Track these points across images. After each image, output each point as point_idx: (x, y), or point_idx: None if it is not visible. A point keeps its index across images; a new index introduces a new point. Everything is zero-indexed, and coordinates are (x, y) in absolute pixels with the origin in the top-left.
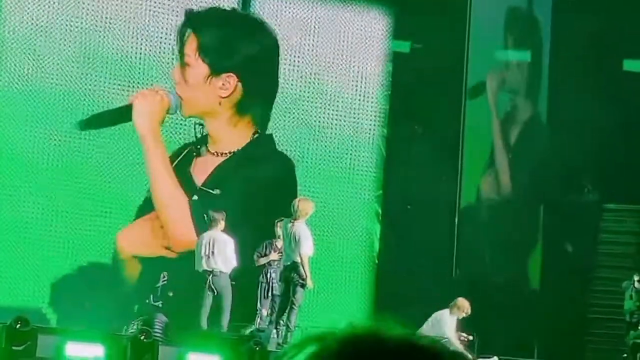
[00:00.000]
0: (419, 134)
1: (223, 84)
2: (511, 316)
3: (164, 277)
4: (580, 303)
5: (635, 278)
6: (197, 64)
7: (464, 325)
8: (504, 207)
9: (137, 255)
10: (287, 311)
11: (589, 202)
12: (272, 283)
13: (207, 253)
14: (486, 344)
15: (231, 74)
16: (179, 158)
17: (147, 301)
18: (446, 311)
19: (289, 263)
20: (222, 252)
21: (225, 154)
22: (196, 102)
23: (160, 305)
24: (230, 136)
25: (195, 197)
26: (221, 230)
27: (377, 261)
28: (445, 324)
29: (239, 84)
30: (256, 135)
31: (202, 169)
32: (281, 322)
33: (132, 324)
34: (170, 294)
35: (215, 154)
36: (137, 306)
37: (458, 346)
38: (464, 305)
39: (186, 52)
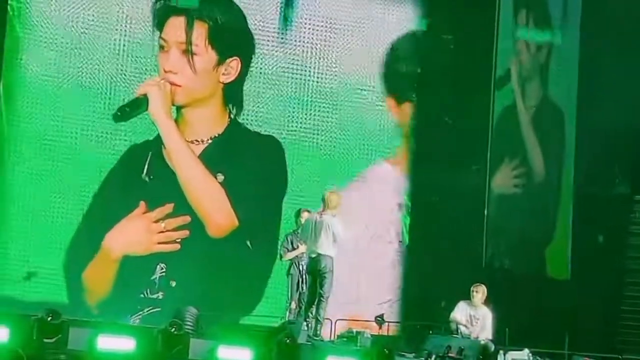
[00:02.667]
0: (449, 125)
1: (226, 70)
2: (542, 308)
3: (162, 268)
4: (611, 295)
5: None
6: (207, 51)
7: (497, 317)
8: (533, 198)
9: (129, 255)
10: (315, 303)
11: (619, 193)
12: (304, 275)
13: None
14: (517, 336)
15: (235, 58)
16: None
17: (142, 295)
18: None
19: (314, 255)
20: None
21: (204, 140)
22: (197, 89)
23: (161, 297)
24: (209, 123)
25: (221, 177)
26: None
27: (405, 253)
28: (458, 310)
29: (240, 68)
30: (231, 119)
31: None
32: (310, 314)
33: (133, 318)
34: (173, 284)
35: (193, 142)
36: (134, 301)
37: (464, 329)
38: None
39: (194, 42)
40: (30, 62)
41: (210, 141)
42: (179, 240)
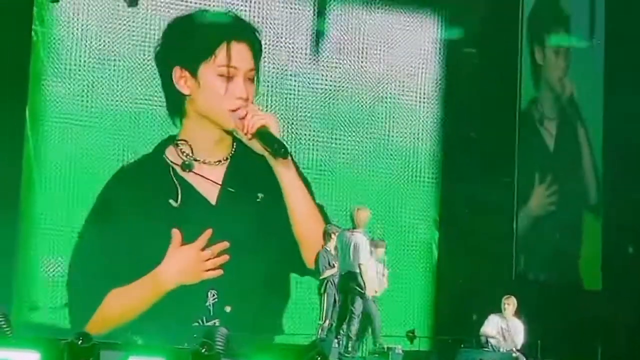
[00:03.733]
0: (474, 139)
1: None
2: (573, 319)
3: (214, 295)
4: None
5: None
6: (253, 78)
7: (528, 329)
8: (562, 209)
9: (183, 284)
10: (347, 321)
11: None
12: (336, 293)
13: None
14: (549, 348)
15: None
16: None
17: (197, 323)
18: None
19: (344, 273)
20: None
21: (218, 161)
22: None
23: (217, 324)
24: (219, 145)
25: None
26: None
27: (436, 268)
28: (489, 323)
29: None
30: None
31: (208, 176)
32: (341, 331)
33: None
34: (228, 309)
35: (208, 163)
36: (188, 330)
37: (494, 342)
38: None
39: (253, 68)
40: (55, 86)
41: (224, 161)
42: (222, 265)
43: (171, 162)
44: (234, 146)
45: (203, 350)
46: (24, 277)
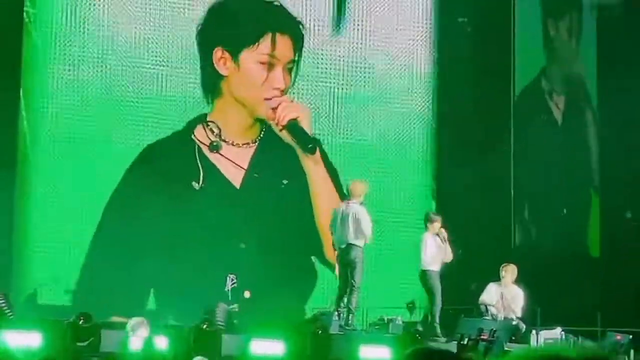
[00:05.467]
0: (471, 110)
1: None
2: (573, 286)
3: (233, 280)
4: None
5: None
6: (292, 69)
7: (527, 298)
8: (560, 178)
9: None
10: (347, 293)
11: None
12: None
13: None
14: (549, 314)
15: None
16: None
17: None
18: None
19: (343, 246)
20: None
21: (246, 144)
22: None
23: (237, 309)
24: (249, 129)
25: (285, 182)
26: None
27: None
28: (488, 292)
29: None
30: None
31: (234, 159)
32: (342, 304)
33: None
34: (247, 295)
35: (237, 145)
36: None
37: (493, 310)
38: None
39: (294, 59)
40: (50, 67)
41: (252, 144)
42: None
43: (199, 141)
44: (263, 130)
45: (204, 327)
46: (23, 256)
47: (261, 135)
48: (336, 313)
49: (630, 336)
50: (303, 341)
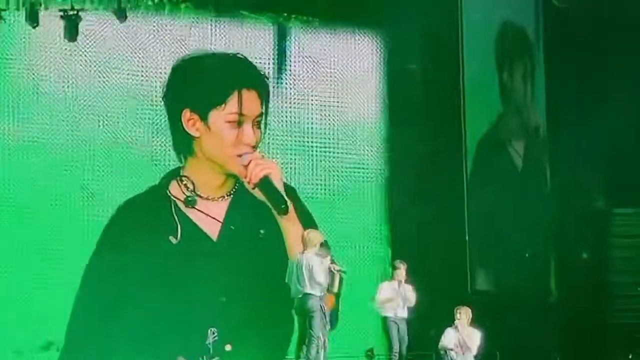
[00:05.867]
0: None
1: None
2: (531, 330)
3: (214, 333)
4: (599, 310)
5: None
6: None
7: (486, 342)
8: (517, 221)
9: None
10: (306, 343)
11: (598, 209)
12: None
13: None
14: (509, 358)
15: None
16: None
17: None
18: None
19: (300, 296)
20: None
21: (221, 197)
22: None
23: None
24: (223, 184)
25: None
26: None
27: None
28: (446, 336)
29: None
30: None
31: (209, 212)
32: (301, 354)
33: None
34: (228, 348)
35: (212, 199)
36: None
37: (454, 355)
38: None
39: (262, 113)
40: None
41: (226, 197)
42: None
43: (174, 197)
44: (237, 184)
45: None
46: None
47: (236, 187)
48: None
49: None
50: None
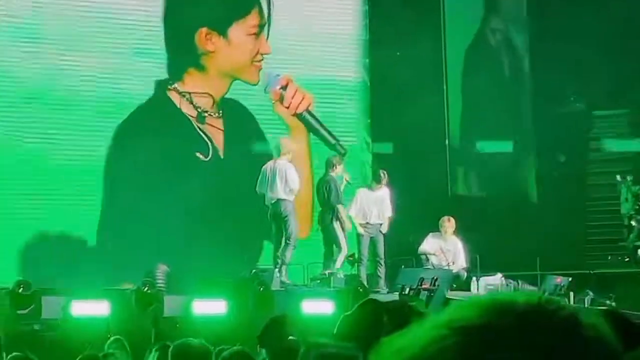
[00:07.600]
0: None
1: None
2: (512, 232)
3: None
4: (577, 212)
5: (628, 178)
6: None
7: (467, 245)
8: (493, 127)
9: None
10: (281, 247)
11: (576, 111)
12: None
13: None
14: (489, 261)
15: None
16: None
17: None
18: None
19: (273, 201)
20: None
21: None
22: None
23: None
24: (222, 99)
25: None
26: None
27: None
28: (427, 242)
29: None
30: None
31: (215, 129)
32: (278, 259)
33: None
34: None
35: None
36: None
37: (434, 259)
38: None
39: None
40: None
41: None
42: None
43: (188, 114)
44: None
45: (145, 289)
46: None
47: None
48: (276, 269)
49: (570, 278)
50: (245, 299)
